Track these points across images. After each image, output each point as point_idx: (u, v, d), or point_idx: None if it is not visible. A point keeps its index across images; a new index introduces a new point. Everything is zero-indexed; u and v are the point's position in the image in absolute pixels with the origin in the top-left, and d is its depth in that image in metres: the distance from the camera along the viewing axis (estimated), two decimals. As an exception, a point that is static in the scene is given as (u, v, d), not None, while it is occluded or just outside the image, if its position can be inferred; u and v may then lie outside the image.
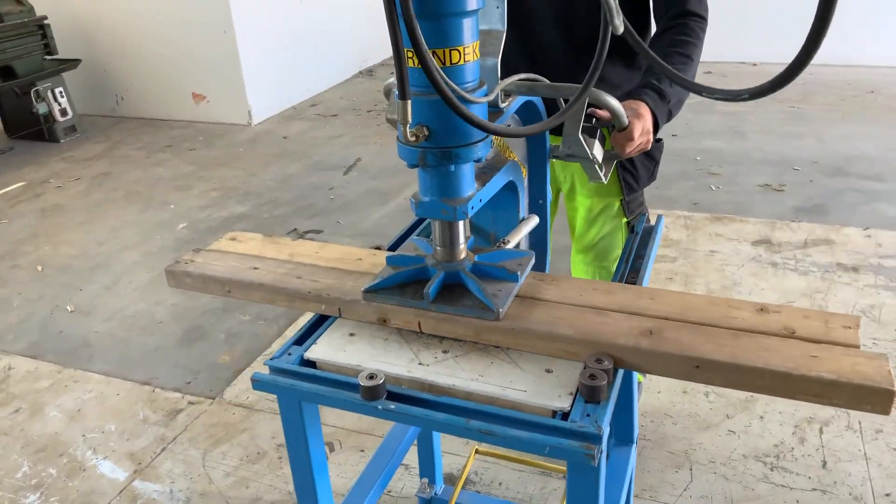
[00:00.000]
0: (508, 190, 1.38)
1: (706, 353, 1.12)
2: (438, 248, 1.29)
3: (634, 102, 1.57)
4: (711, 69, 7.05)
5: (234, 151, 5.84)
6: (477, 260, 1.31)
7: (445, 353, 1.27)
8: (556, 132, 1.47)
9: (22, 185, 5.37)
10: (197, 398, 2.88)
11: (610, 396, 1.12)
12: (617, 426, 1.71)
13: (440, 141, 1.10)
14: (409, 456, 2.26)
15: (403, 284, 1.31)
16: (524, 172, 1.49)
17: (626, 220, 2.03)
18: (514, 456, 2.21)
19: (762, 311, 1.23)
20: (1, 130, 6.58)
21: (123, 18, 6.54)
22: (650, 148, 1.90)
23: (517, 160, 1.40)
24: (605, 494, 1.16)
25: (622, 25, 1.03)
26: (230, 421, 2.73)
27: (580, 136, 1.36)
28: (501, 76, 1.25)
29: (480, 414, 1.12)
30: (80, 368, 3.13)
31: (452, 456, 2.45)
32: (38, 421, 2.80)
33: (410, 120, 1.04)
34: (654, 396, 2.68)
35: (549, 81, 1.33)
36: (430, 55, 0.94)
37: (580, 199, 2.08)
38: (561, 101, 1.42)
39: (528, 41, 1.86)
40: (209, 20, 6.21)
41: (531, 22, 1.82)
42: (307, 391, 1.22)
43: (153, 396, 2.91)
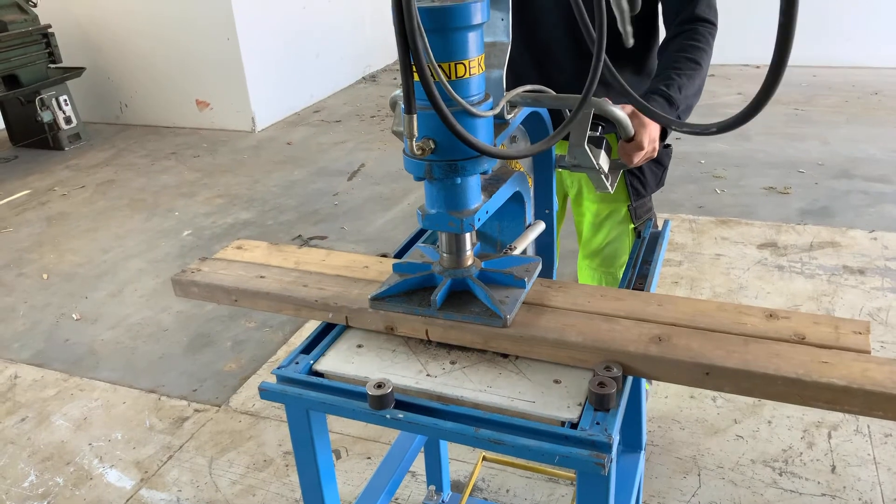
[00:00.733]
0: (515, 200, 1.38)
1: (716, 359, 1.11)
2: (445, 255, 1.29)
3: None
4: (715, 72, 7.03)
5: (238, 158, 5.85)
6: (484, 266, 1.30)
7: (453, 364, 1.27)
8: (561, 140, 1.47)
9: (27, 193, 5.38)
10: (203, 406, 2.87)
11: (619, 404, 1.11)
12: (625, 433, 1.70)
13: (446, 154, 1.10)
14: (416, 463, 2.26)
15: (410, 292, 1.31)
16: (530, 182, 1.49)
17: (632, 226, 2.01)
18: (521, 463, 2.21)
19: (772, 316, 1.22)
20: (5, 139, 6.60)
21: (127, 26, 6.56)
22: (658, 154, 1.89)
23: (523, 170, 1.39)
24: (614, 501, 1.15)
25: (631, 39, 1.03)
26: (236, 428, 2.72)
27: (586, 147, 1.35)
28: (509, 83, 1.24)
29: (490, 423, 1.11)
30: (86, 377, 3.13)
31: (460, 463, 2.44)
32: (44, 429, 2.80)
33: (416, 134, 1.04)
34: (661, 402, 2.67)
35: (554, 93, 1.33)
36: (431, 81, 0.94)
37: (587, 204, 2.07)
38: (566, 111, 1.41)
39: (535, 48, 1.85)
40: (212, 27, 6.22)
41: (538, 29, 1.82)
42: (315, 400, 1.22)
43: (159, 404, 2.90)
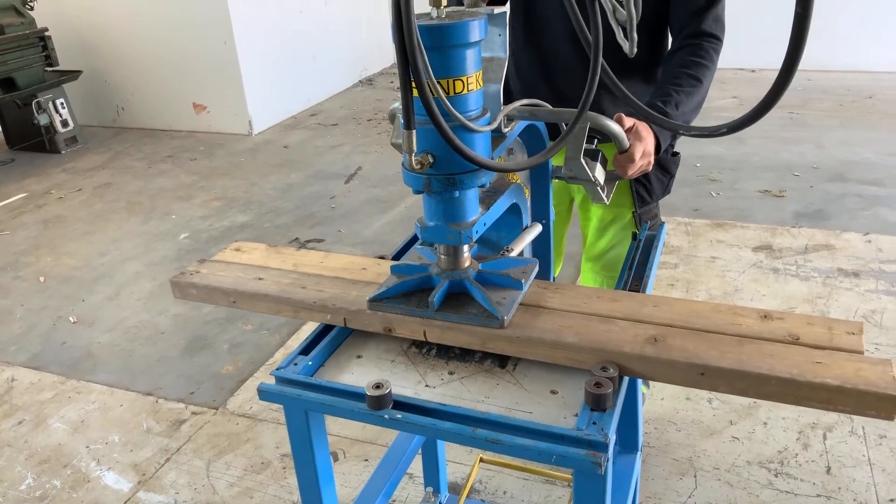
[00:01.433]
0: (512, 212, 1.39)
1: (711, 359, 1.12)
2: (442, 256, 1.30)
3: (639, 123, 1.56)
4: (710, 76, 7.07)
5: (235, 161, 5.86)
6: (481, 268, 1.31)
7: (451, 374, 1.28)
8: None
9: (23, 196, 5.38)
10: (200, 408, 2.87)
11: (616, 404, 1.12)
12: (621, 434, 1.71)
13: (444, 168, 1.12)
14: (413, 465, 2.26)
15: (408, 293, 1.32)
16: (527, 193, 1.50)
17: (636, 231, 2.00)
18: (518, 464, 2.22)
19: (766, 317, 1.24)
20: (2, 142, 6.60)
21: (124, 29, 6.56)
22: (665, 162, 1.89)
23: (520, 182, 1.40)
24: (610, 502, 1.16)
25: (634, 48, 1.04)
26: (234, 431, 2.73)
27: (581, 160, 1.37)
28: (517, 91, 1.26)
29: (487, 423, 1.12)
30: (83, 379, 3.13)
31: (457, 465, 2.45)
32: (41, 432, 2.80)
33: (415, 149, 1.06)
34: (657, 403, 2.68)
35: (550, 106, 1.34)
36: (431, 97, 0.95)
37: (593, 209, 2.08)
38: (563, 125, 1.42)
39: (543, 56, 1.85)
40: (209, 31, 6.23)
41: (545, 38, 1.82)
42: (313, 401, 1.23)
43: (157, 407, 2.91)
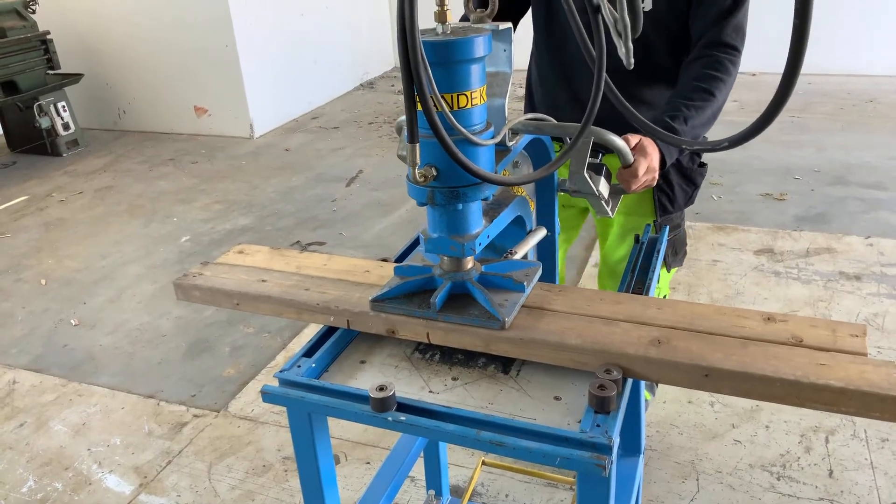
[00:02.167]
0: (516, 224, 1.39)
1: (715, 361, 1.12)
2: (445, 259, 1.30)
3: (644, 139, 1.55)
4: (711, 79, 7.08)
5: (236, 164, 5.86)
6: (484, 270, 1.31)
7: (455, 380, 1.28)
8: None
9: (25, 198, 5.39)
10: (202, 411, 2.87)
11: (619, 406, 1.12)
12: (624, 437, 1.71)
13: (448, 181, 1.13)
14: (415, 468, 2.26)
15: (410, 294, 1.32)
16: (532, 206, 1.50)
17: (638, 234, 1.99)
18: (520, 467, 2.22)
19: (769, 320, 1.24)
20: (3, 145, 6.61)
21: (125, 33, 6.57)
22: (691, 172, 1.86)
23: (525, 195, 1.40)
24: (614, 505, 1.16)
25: (630, 59, 1.05)
26: (235, 434, 2.72)
27: (585, 174, 1.37)
28: (539, 98, 1.26)
29: (491, 425, 1.12)
30: (84, 382, 3.13)
31: (459, 468, 2.45)
32: (43, 435, 2.80)
33: (419, 162, 1.07)
34: (659, 406, 2.68)
35: (555, 121, 1.35)
36: (434, 111, 0.96)
37: (615, 216, 2.00)
38: (567, 139, 1.41)
39: (563, 65, 1.84)
40: (211, 34, 6.24)
41: (565, 48, 1.81)
42: (317, 403, 1.23)
43: (158, 410, 2.91)
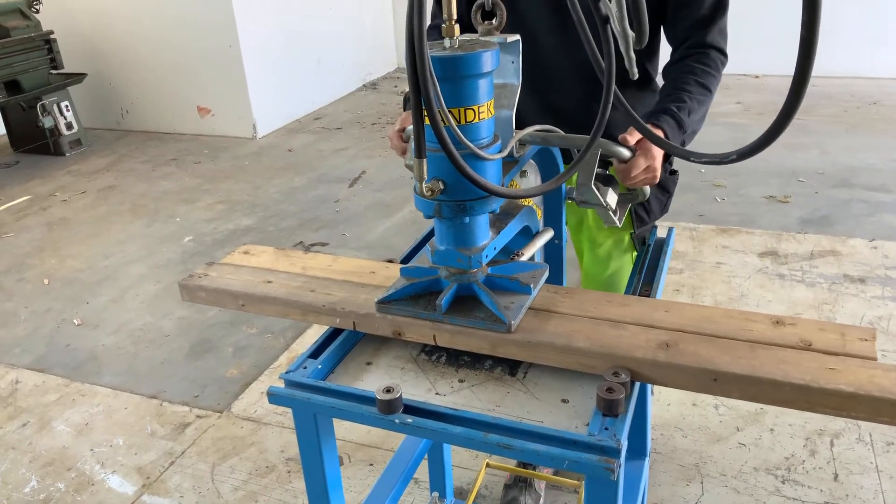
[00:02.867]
0: (523, 234, 1.39)
1: (724, 365, 1.11)
2: None
3: (653, 131, 1.53)
4: (714, 81, 7.07)
5: (239, 164, 5.86)
6: (490, 272, 1.30)
7: (462, 382, 1.28)
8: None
9: (28, 198, 5.39)
10: (205, 412, 2.87)
11: (628, 410, 1.12)
12: (630, 439, 1.70)
13: (455, 194, 1.13)
14: (419, 470, 2.25)
15: (416, 296, 1.31)
16: (539, 215, 1.49)
17: (635, 253, 1.94)
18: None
19: (778, 323, 1.23)
20: (7, 144, 6.61)
21: (129, 32, 6.57)
22: (663, 180, 1.81)
23: (532, 204, 1.40)
24: (622, 508, 1.15)
25: (634, 69, 1.05)
26: (238, 434, 2.72)
27: (593, 186, 1.37)
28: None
29: (498, 428, 1.12)
30: (87, 382, 3.12)
31: (463, 470, 2.44)
32: (45, 435, 2.80)
33: (426, 176, 1.07)
34: (663, 409, 2.67)
35: (562, 133, 1.35)
36: (442, 126, 0.97)
37: (586, 232, 1.98)
38: (574, 151, 1.40)
39: (531, 72, 1.72)
40: (214, 34, 6.24)
41: (535, 52, 1.70)
42: (323, 405, 1.22)
43: (161, 410, 2.90)
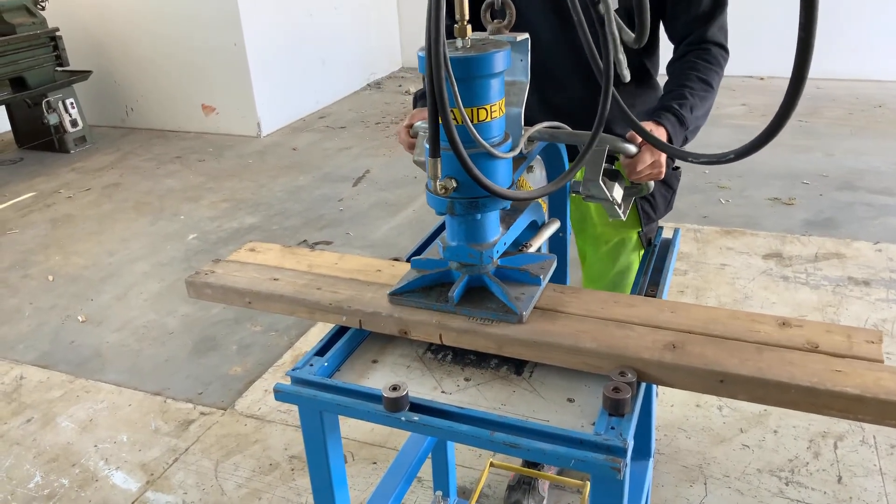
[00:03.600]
0: (529, 227, 1.41)
1: (731, 367, 1.12)
2: None
3: (655, 129, 1.53)
4: (719, 83, 7.06)
5: (243, 163, 5.87)
6: (500, 264, 1.31)
7: (468, 380, 1.28)
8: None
9: (32, 195, 5.40)
10: (209, 409, 2.88)
11: (634, 410, 1.12)
12: (635, 440, 1.70)
13: (467, 192, 1.15)
14: (422, 469, 2.26)
15: (428, 288, 1.33)
16: (545, 208, 1.50)
17: (643, 251, 1.94)
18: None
19: (784, 325, 1.23)
20: (11, 141, 6.62)
21: (134, 30, 6.59)
22: (666, 177, 1.80)
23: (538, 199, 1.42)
24: (627, 508, 1.16)
25: (625, 71, 1.08)
26: (242, 432, 2.72)
27: (600, 181, 1.39)
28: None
29: (504, 426, 1.12)
30: (91, 378, 3.13)
31: (467, 469, 2.44)
32: (50, 431, 2.80)
33: (440, 175, 1.10)
34: (667, 410, 2.67)
35: (570, 129, 1.38)
36: (453, 127, 1.00)
37: (589, 231, 1.97)
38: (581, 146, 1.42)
39: (536, 73, 1.66)
40: (219, 33, 6.25)
41: (536, 52, 1.65)
42: (330, 402, 1.23)
43: (165, 407, 2.91)
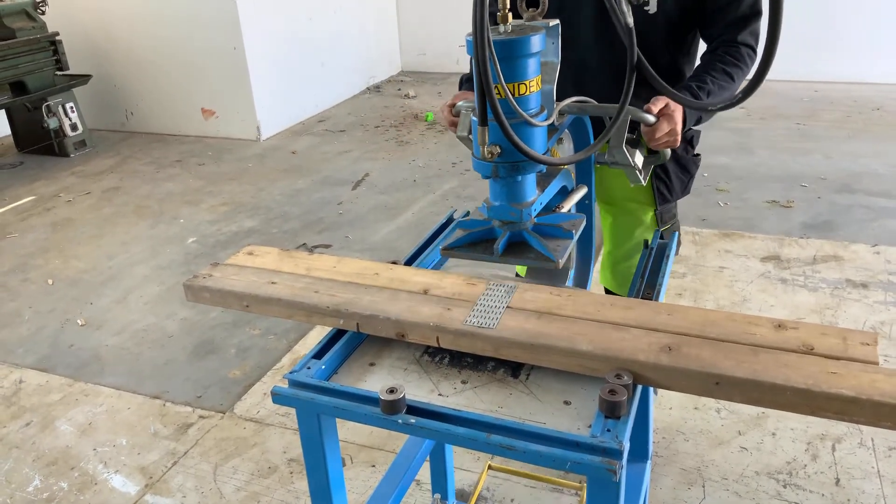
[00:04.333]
0: (559, 193, 1.57)
1: (726, 369, 1.12)
2: None
3: (671, 103, 1.66)
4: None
5: (242, 166, 5.88)
6: (537, 221, 1.44)
7: (464, 383, 1.29)
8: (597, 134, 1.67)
9: (32, 199, 5.41)
10: (208, 412, 2.88)
11: (630, 412, 1.12)
12: (632, 442, 1.70)
13: (510, 157, 1.29)
14: (421, 472, 2.26)
15: (474, 244, 1.45)
16: (573, 176, 1.67)
17: (658, 228, 2.09)
18: (526, 472, 2.22)
19: (780, 327, 1.24)
20: (11, 145, 6.63)
21: (134, 34, 6.60)
22: (685, 161, 2.03)
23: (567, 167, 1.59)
24: (623, 510, 1.16)
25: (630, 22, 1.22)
26: (241, 435, 2.73)
27: (624, 148, 1.55)
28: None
29: (501, 429, 1.12)
30: (90, 382, 3.13)
31: (465, 472, 2.45)
32: (49, 434, 2.81)
33: (487, 141, 1.23)
34: (665, 413, 2.67)
35: (595, 102, 1.53)
36: (497, 102, 1.12)
37: (614, 201, 2.13)
38: (606, 118, 1.57)
39: (572, 64, 1.89)
40: (219, 37, 6.26)
41: (574, 47, 1.89)
42: (327, 405, 1.23)
43: (164, 410, 2.91)
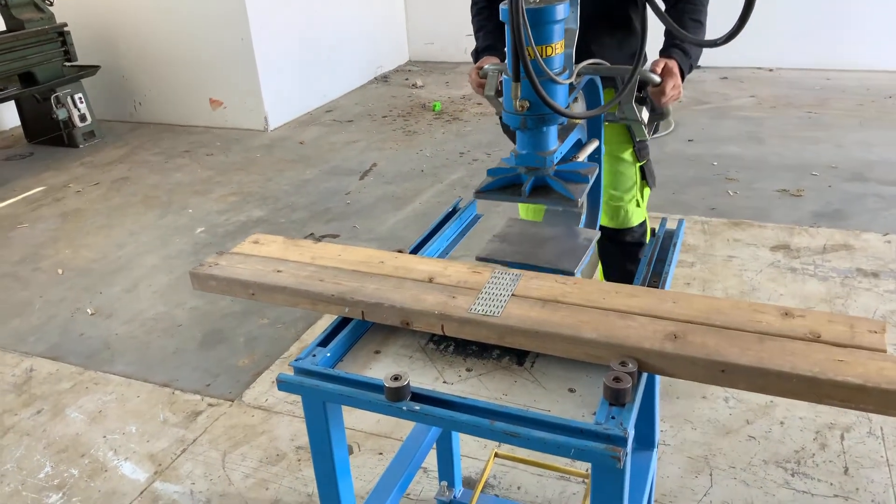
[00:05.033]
0: (575, 146, 1.76)
1: (732, 357, 1.12)
2: None
3: (669, 62, 1.96)
4: (728, 74, 7.02)
5: (251, 157, 5.89)
6: (557, 168, 1.58)
7: (469, 371, 1.29)
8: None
9: (42, 189, 5.44)
10: (216, 400, 2.90)
11: (635, 399, 1.12)
12: (638, 430, 1.71)
13: (537, 110, 1.46)
14: (427, 459, 2.27)
15: (503, 188, 1.61)
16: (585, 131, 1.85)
17: (639, 164, 2.35)
18: (532, 459, 2.22)
19: (787, 315, 1.23)
20: (21, 136, 6.66)
21: (142, 25, 6.61)
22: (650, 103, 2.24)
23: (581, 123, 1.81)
24: (627, 499, 1.16)
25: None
26: (249, 423, 2.74)
27: (633, 104, 1.77)
28: None
29: (505, 416, 1.12)
30: (100, 370, 3.16)
31: (471, 459, 2.45)
32: (59, 422, 2.83)
33: (520, 95, 1.40)
34: (673, 401, 2.67)
35: (609, 65, 1.73)
36: (529, 61, 1.26)
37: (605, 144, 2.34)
38: (619, 79, 1.83)
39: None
40: (226, 27, 6.26)
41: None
42: (332, 392, 1.24)
43: (173, 398, 2.93)
